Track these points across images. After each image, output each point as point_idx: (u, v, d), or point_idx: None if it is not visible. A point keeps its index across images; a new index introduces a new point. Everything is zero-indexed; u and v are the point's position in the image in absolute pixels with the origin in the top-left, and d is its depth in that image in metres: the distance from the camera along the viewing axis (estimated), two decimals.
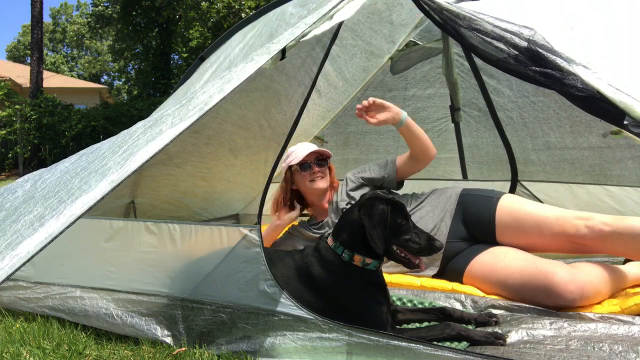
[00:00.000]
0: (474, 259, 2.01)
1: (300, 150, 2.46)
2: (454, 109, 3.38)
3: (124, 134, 1.76)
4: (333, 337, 1.52)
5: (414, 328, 1.67)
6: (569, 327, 1.55)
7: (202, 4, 17.82)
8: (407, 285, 2.05)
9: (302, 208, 2.58)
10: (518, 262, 1.87)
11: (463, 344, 1.50)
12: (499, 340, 1.49)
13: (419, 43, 3.41)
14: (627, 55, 1.47)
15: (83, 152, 1.98)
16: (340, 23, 1.79)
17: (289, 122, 2.38)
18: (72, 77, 31.77)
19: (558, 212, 1.99)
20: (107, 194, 1.28)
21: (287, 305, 1.59)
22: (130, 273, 1.85)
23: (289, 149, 2.51)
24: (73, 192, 1.36)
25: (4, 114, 13.79)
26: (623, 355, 1.34)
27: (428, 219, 2.18)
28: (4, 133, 13.81)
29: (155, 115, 1.81)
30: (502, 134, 3.24)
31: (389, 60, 3.50)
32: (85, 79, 33.79)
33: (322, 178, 2.48)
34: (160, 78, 20.96)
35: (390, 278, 2.09)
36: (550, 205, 2.11)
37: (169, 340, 1.73)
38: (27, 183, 1.82)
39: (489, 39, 1.51)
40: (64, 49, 42.26)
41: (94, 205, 1.27)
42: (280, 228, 2.51)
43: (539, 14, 1.63)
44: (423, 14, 1.75)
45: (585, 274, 1.74)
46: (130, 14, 19.34)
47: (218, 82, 1.65)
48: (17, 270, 1.19)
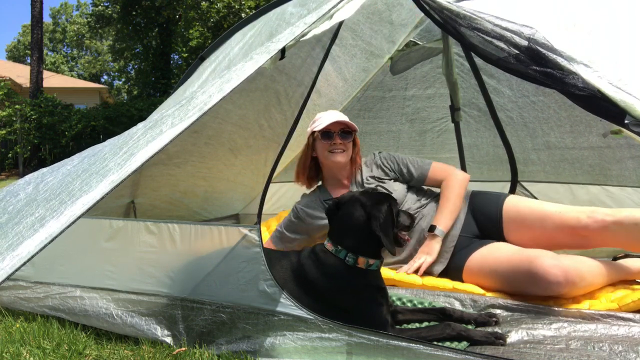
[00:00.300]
0: (473, 253, 2.04)
1: (326, 117, 2.30)
2: (454, 109, 3.38)
3: (125, 135, 1.76)
4: (333, 337, 1.52)
5: (414, 328, 1.67)
6: (569, 327, 1.55)
7: (202, 4, 17.82)
8: (408, 284, 2.05)
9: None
10: (508, 252, 1.94)
11: (463, 344, 1.50)
12: (499, 340, 1.49)
13: (419, 43, 3.41)
14: (628, 54, 1.47)
15: (85, 153, 1.99)
16: (340, 23, 1.79)
17: (289, 122, 2.38)
18: (72, 77, 31.77)
19: (561, 206, 2.07)
20: (107, 194, 1.28)
21: (287, 305, 1.59)
22: (130, 273, 1.85)
23: (317, 114, 2.38)
24: (74, 193, 1.36)
25: (4, 114, 13.79)
26: (623, 355, 1.34)
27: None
28: (4, 133, 13.80)
29: (156, 116, 1.82)
30: (502, 134, 3.24)
31: (389, 61, 3.50)
32: (85, 79, 33.80)
33: (342, 152, 2.31)
34: (160, 78, 20.95)
35: (394, 276, 2.09)
36: (555, 203, 2.16)
37: (169, 340, 1.72)
38: (29, 186, 1.82)
39: (490, 38, 1.51)
40: (64, 49, 42.27)
41: (94, 205, 1.27)
42: None
43: (540, 13, 1.63)
44: (423, 14, 1.75)
45: (570, 260, 1.78)
46: (130, 14, 19.34)
47: (217, 81, 1.64)
48: (17, 270, 1.19)
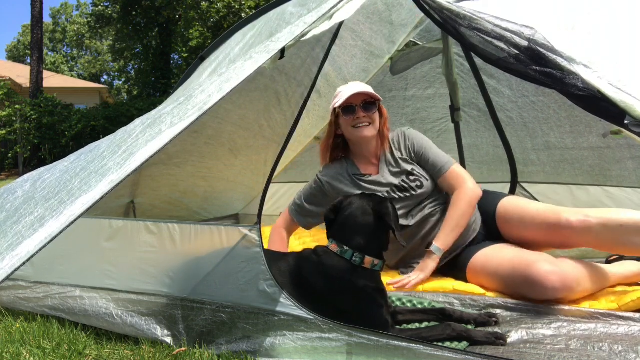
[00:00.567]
0: (477, 253, 2.04)
1: (346, 90, 2.16)
2: (454, 109, 3.38)
3: (123, 133, 1.76)
4: (333, 337, 1.52)
5: (415, 328, 1.67)
6: (569, 326, 1.55)
7: (202, 4, 17.83)
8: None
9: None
10: (510, 254, 1.93)
11: (463, 344, 1.50)
12: (500, 341, 1.49)
13: (419, 43, 3.41)
14: (627, 55, 1.47)
15: (82, 151, 1.99)
16: (340, 23, 1.79)
17: (289, 122, 2.38)
18: (72, 77, 31.76)
19: (546, 206, 2.07)
20: (106, 194, 1.28)
21: (287, 305, 1.59)
22: (130, 273, 1.85)
23: (338, 88, 2.26)
24: (73, 192, 1.36)
25: (4, 114, 13.78)
26: (623, 355, 1.34)
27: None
28: (4, 133, 13.80)
29: (154, 113, 1.81)
30: (501, 134, 3.24)
31: (389, 61, 3.50)
32: (85, 79, 33.79)
33: (368, 125, 2.16)
34: (160, 78, 20.95)
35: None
36: (547, 204, 2.15)
37: (169, 340, 1.72)
38: (26, 183, 1.82)
39: (490, 39, 1.51)
40: (64, 49, 42.27)
41: (94, 205, 1.27)
42: None
43: (540, 13, 1.63)
44: (423, 14, 1.76)
45: (568, 265, 1.77)
46: (130, 14, 19.34)
47: (217, 80, 1.64)
48: (16, 270, 1.19)
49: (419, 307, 1.82)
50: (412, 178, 2.20)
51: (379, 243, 1.73)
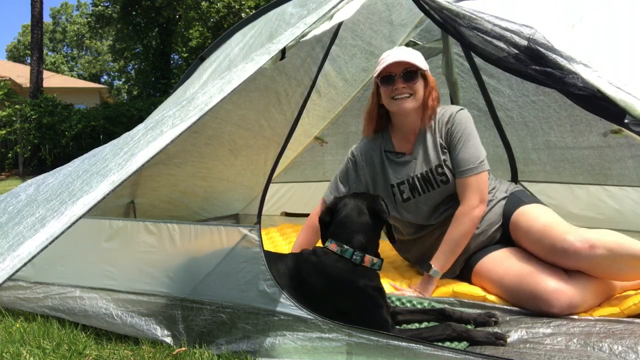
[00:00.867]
0: (486, 257, 1.97)
1: (388, 57, 1.97)
2: None
3: (126, 136, 1.76)
4: (333, 337, 1.52)
5: (415, 328, 1.67)
6: (569, 326, 1.55)
7: (202, 4, 17.84)
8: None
9: None
10: (517, 263, 1.84)
11: (463, 344, 1.50)
12: (500, 341, 1.49)
13: (419, 43, 3.41)
14: (627, 54, 1.47)
15: (86, 155, 1.99)
16: (340, 23, 1.79)
17: (289, 122, 2.38)
18: (72, 77, 31.79)
19: (554, 221, 1.87)
20: (107, 194, 1.28)
21: (286, 306, 1.59)
22: (130, 273, 1.85)
23: (383, 54, 2.06)
24: (74, 193, 1.36)
25: (4, 114, 13.80)
26: (623, 356, 1.34)
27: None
28: (4, 133, 13.82)
29: (156, 117, 1.82)
30: (502, 134, 3.23)
31: None
32: (85, 79, 33.81)
33: (408, 96, 1.96)
34: (160, 78, 20.97)
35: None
36: (557, 217, 1.92)
37: (169, 340, 1.72)
38: (30, 187, 1.82)
39: (489, 38, 1.51)
40: (64, 49, 42.31)
41: (95, 206, 1.27)
42: None
43: (539, 13, 1.63)
44: (423, 14, 1.75)
45: (576, 283, 1.68)
46: (130, 14, 19.36)
47: (218, 82, 1.65)
48: (17, 271, 1.19)
49: (419, 307, 1.82)
50: (439, 171, 2.02)
51: (376, 241, 1.74)
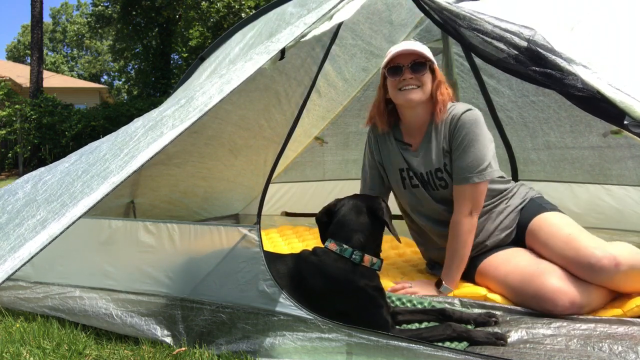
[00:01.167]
0: (490, 256, 1.95)
1: (396, 48, 1.95)
2: None
3: (124, 134, 1.76)
4: (333, 337, 1.52)
5: (415, 328, 1.67)
6: (569, 326, 1.55)
7: (202, 4, 17.84)
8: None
9: None
10: (523, 262, 1.83)
11: (463, 344, 1.50)
12: (500, 341, 1.48)
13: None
14: (627, 55, 1.47)
15: (82, 151, 1.98)
16: (340, 23, 1.79)
17: (289, 122, 2.38)
18: (72, 77, 31.78)
19: (578, 229, 1.82)
20: (106, 195, 1.28)
21: (286, 306, 1.59)
22: (130, 273, 1.85)
23: (390, 48, 2.05)
24: (75, 195, 1.36)
25: (4, 114, 13.80)
26: (623, 356, 1.34)
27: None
28: (4, 133, 13.81)
29: (154, 115, 1.81)
30: (502, 134, 3.24)
31: None
32: (85, 79, 33.80)
33: (415, 88, 1.92)
34: (160, 78, 20.96)
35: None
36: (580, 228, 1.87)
37: (169, 340, 1.72)
38: (27, 184, 1.82)
39: (489, 39, 1.51)
40: (64, 49, 42.30)
41: (94, 206, 1.27)
42: None
43: (539, 14, 1.63)
44: (423, 14, 1.75)
45: (582, 286, 1.68)
46: (130, 14, 19.35)
47: (218, 82, 1.65)
48: (17, 271, 1.19)
49: (419, 307, 1.82)
50: (439, 175, 1.98)
51: (376, 242, 1.75)
